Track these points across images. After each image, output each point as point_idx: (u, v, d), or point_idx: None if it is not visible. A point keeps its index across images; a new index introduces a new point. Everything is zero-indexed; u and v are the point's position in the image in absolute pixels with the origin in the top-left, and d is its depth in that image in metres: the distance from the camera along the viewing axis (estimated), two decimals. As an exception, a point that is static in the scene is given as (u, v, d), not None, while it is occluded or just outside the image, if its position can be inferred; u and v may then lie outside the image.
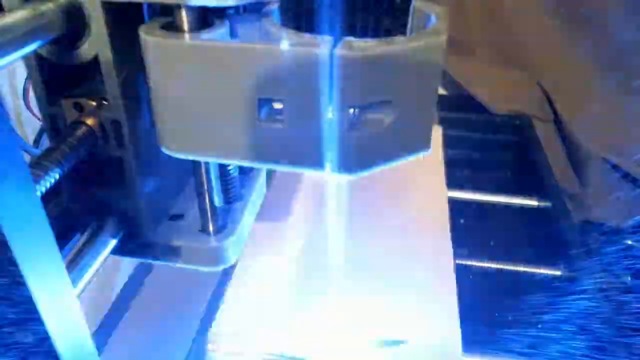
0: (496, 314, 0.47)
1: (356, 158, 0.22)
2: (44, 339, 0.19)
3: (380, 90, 0.21)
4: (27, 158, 0.50)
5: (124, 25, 0.23)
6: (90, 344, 0.22)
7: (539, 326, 0.47)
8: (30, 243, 0.17)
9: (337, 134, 0.22)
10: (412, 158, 0.23)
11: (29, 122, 0.59)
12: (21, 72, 0.50)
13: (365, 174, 0.23)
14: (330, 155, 0.22)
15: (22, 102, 0.51)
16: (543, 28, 0.74)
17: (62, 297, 0.19)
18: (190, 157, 0.25)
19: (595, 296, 0.49)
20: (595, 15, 0.70)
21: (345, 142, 0.22)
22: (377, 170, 0.23)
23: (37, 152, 0.50)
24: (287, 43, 0.21)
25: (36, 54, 0.24)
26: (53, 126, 0.26)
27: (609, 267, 0.53)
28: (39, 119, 0.58)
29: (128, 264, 0.46)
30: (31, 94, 0.50)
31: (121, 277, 0.45)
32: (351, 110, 0.21)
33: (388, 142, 0.22)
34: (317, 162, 0.23)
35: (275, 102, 0.22)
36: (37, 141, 0.64)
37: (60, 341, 0.19)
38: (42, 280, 0.18)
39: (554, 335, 0.46)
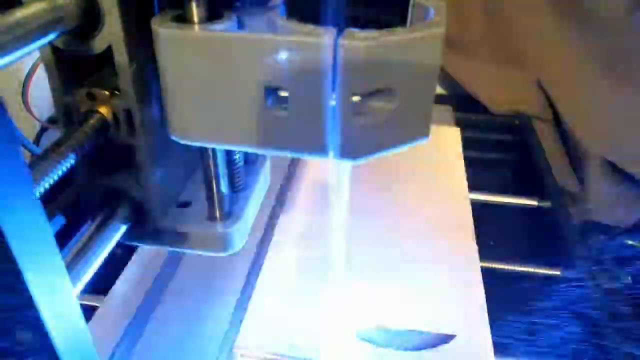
0: (496, 314, 0.48)
1: (358, 144, 0.23)
2: (43, 338, 0.19)
3: (381, 79, 0.22)
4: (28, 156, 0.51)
5: (137, 17, 0.24)
6: (89, 343, 0.22)
7: (538, 326, 0.48)
8: (29, 245, 0.17)
9: (340, 121, 0.23)
10: (412, 145, 0.24)
11: (28, 123, 0.60)
12: (20, 74, 0.50)
13: (367, 160, 0.24)
14: (334, 141, 0.23)
15: (21, 103, 0.52)
16: (543, 28, 0.75)
17: (62, 297, 0.20)
18: (199, 144, 0.26)
19: (595, 296, 0.50)
20: (595, 15, 0.71)
21: (348, 128, 0.23)
22: (378, 156, 0.24)
23: (39, 150, 0.51)
24: (292, 34, 0.22)
25: (51, 45, 0.25)
26: (67, 115, 0.27)
27: (608, 267, 0.54)
28: (38, 120, 0.59)
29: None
30: (30, 95, 0.51)
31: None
32: (354, 98, 0.22)
33: (389, 129, 0.23)
34: (321, 149, 0.24)
35: (282, 90, 0.23)
36: (36, 141, 0.65)
37: (59, 340, 0.20)
38: (42, 281, 0.18)
39: (553, 334, 0.47)
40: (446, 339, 0.39)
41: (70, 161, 0.24)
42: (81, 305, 0.22)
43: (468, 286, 0.43)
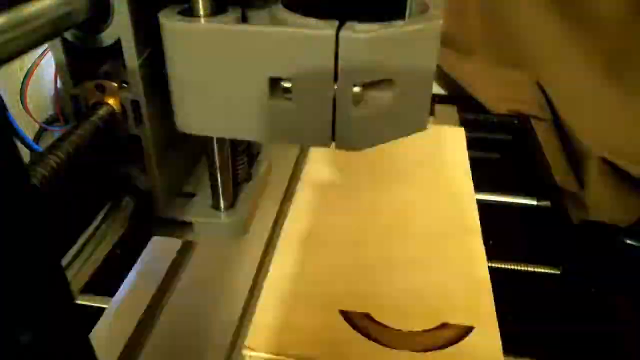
0: (496, 312, 0.48)
1: (359, 134, 0.24)
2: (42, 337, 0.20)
3: (381, 70, 0.23)
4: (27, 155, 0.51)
5: (145, 11, 0.25)
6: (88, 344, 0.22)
7: (538, 325, 0.48)
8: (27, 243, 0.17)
9: (341, 111, 0.23)
10: (410, 135, 0.25)
11: (27, 125, 0.60)
12: (20, 74, 0.51)
13: (367, 149, 0.25)
14: (335, 131, 0.24)
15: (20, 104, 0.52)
16: (543, 28, 0.75)
17: (61, 296, 0.19)
18: (204, 134, 0.26)
19: (594, 295, 0.50)
20: (594, 15, 0.71)
21: (349, 118, 0.24)
22: (378, 145, 0.25)
23: (39, 148, 0.51)
24: (295, 27, 0.23)
25: (62, 38, 0.26)
26: (76, 106, 0.27)
27: (607, 266, 0.54)
28: (36, 121, 0.59)
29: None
30: (29, 96, 0.51)
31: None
32: (355, 89, 0.23)
33: (389, 119, 0.24)
34: (323, 138, 0.24)
35: (285, 81, 0.24)
36: (35, 143, 0.65)
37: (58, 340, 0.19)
38: (40, 280, 0.18)
39: (553, 334, 0.48)
40: (456, 338, 0.39)
41: (79, 151, 0.25)
42: (84, 305, 0.21)
43: (476, 287, 0.43)
